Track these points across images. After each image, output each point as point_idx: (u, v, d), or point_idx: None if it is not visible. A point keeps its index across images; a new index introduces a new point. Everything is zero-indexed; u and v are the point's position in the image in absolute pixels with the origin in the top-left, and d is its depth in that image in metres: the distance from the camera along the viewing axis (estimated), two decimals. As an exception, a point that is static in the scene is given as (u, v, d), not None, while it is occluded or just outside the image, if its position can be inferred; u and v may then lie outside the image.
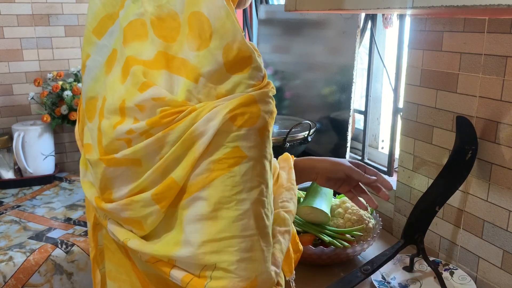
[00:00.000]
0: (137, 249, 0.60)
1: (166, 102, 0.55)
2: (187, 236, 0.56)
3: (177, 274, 0.58)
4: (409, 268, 1.13)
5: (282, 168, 0.89)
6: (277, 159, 0.92)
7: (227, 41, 0.56)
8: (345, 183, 1.02)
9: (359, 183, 1.02)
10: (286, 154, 0.94)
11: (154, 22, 0.58)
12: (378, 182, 1.00)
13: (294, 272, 0.77)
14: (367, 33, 1.53)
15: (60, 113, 1.87)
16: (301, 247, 0.84)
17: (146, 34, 0.58)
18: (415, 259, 1.14)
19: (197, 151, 0.55)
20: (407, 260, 1.13)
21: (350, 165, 0.99)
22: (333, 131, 1.62)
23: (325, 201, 1.17)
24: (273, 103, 0.60)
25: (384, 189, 1.00)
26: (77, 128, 0.76)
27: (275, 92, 0.61)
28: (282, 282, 0.80)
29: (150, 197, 0.57)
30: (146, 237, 0.62)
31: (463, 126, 1.01)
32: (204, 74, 0.56)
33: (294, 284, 0.80)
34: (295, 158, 0.97)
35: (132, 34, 0.59)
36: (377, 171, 1.02)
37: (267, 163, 0.59)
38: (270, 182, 0.61)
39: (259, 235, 0.57)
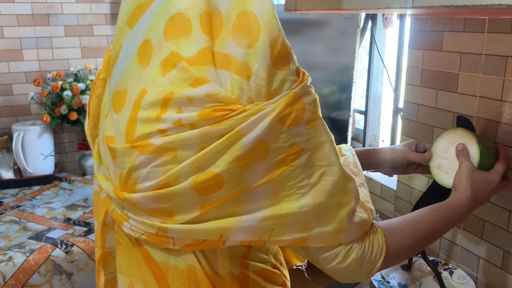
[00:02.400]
0: (186, 229, 0.60)
1: (219, 98, 0.56)
2: (250, 217, 0.60)
3: (233, 243, 0.62)
4: (408, 268, 1.13)
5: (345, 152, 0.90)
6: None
7: (273, 35, 0.57)
8: (410, 165, 1.01)
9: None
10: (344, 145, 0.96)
11: (202, 18, 0.59)
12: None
13: (306, 259, 0.78)
14: (367, 33, 1.53)
15: (59, 113, 1.87)
16: None
17: (189, 30, 0.59)
18: (414, 258, 1.14)
19: (243, 147, 0.56)
20: (407, 260, 1.14)
21: (407, 149, 0.99)
22: (333, 131, 1.61)
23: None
24: (312, 90, 0.62)
25: None
26: (87, 123, 0.76)
27: (310, 79, 0.63)
28: (287, 274, 0.80)
29: (188, 188, 0.58)
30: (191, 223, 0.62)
31: (464, 126, 1.01)
32: (255, 71, 0.57)
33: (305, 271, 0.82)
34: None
35: (175, 29, 0.59)
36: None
37: (325, 146, 0.63)
38: (336, 158, 0.64)
39: (316, 211, 0.62)
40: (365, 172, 1.52)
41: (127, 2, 0.66)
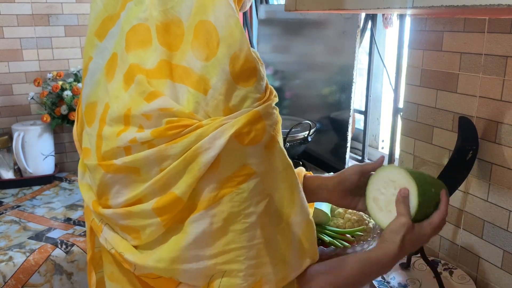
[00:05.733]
0: (136, 262, 0.59)
1: (173, 113, 0.55)
2: (196, 251, 0.57)
3: None
4: (408, 268, 1.13)
5: None
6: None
7: (234, 50, 0.55)
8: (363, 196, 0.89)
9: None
10: (299, 169, 0.89)
11: (159, 29, 0.57)
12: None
13: None
14: (367, 33, 1.54)
15: (60, 113, 1.87)
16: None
17: (150, 41, 0.57)
18: (414, 258, 1.14)
19: (202, 168, 0.54)
20: (406, 259, 1.14)
21: (357, 163, 0.96)
22: (333, 131, 1.62)
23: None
24: (276, 112, 0.60)
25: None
26: (75, 128, 0.75)
27: (277, 100, 0.60)
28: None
29: (150, 210, 0.57)
30: (144, 249, 0.61)
31: (466, 126, 1.01)
32: (213, 85, 0.55)
33: None
34: (307, 175, 0.90)
35: (135, 40, 0.58)
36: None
37: (278, 173, 0.60)
38: (288, 188, 0.61)
39: (265, 243, 0.59)
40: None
41: (95, 13, 0.65)
